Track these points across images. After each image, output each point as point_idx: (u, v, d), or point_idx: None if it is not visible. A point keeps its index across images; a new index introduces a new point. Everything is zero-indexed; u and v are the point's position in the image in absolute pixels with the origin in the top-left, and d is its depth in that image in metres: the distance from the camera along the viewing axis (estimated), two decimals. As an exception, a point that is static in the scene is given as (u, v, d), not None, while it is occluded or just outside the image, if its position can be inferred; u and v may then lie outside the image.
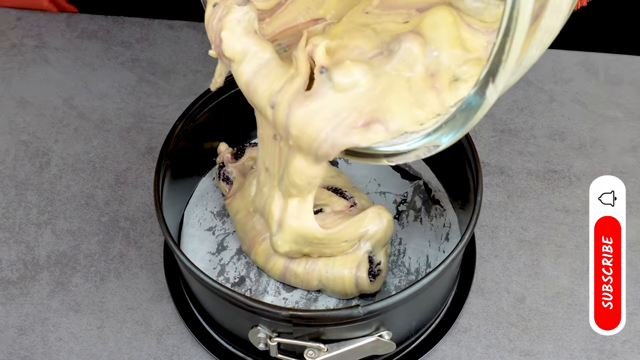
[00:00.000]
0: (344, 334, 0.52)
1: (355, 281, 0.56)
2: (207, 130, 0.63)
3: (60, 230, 0.66)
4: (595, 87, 0.75)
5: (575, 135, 0.72)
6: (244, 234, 0.60)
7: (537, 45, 0.38)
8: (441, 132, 0.41)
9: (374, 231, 0.56)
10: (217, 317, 0.58)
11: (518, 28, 0.34)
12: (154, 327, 0.61)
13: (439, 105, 0.43)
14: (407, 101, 0.43)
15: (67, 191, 0.69)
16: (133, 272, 0.64)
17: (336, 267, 0.56)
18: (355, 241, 0.56)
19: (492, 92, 0.37)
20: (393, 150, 0.43)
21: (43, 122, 0.74)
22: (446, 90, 0.43)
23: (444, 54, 0.43)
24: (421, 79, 0.43)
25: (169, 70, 0.78)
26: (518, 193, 0.68)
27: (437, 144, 0.42)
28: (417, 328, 0.58)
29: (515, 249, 0.65)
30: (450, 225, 0.63)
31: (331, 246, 0.55)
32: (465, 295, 0.61)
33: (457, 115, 0.40)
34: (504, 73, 0.36)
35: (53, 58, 0.79)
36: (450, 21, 0.44)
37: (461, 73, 0.43)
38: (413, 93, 0.43)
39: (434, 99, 0.43)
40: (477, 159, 0.56)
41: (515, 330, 0.60)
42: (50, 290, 0.63)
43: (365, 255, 0.56)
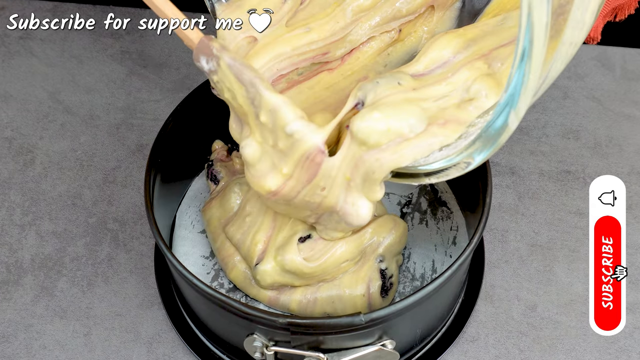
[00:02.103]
0: (345, 343, 0.52)
1: (368, 302, 0.56)
2: (201, 127, 0.63)
3: (45, 231, 0.67)
4: (612, 82, 0.75)
5: (590, 133, 0.72)
6: (215, 249, 0.60)
7: (561, 59, 0.38)
8: (471, 150, 0.42)
9: (388, 242, 0.56)
10: (210, 324, 0.58)
11: (535, 50, 0.34)
12: (144, 335, 0.61)
13: (458, 126, 0.44)
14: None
15: (52, 191, 0.69)
16: (122, 276, 0.64)
17: (344, 289, 0.55)
18: (359, 256, 0.56)
19: (513, 118, 0.38)
20: (430, 169, 0.45)
21: (27, 117, 0.74)
22: (460, 110, 0.44)
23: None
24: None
25: (161, 63, 0.78)
26: (529, 195, 0.68)
27: (469, 162, 0.43)
28: (422, 337, 0.58)
29: (526, 254, 0.65)
30: (458, 228, 0.63)
31: (329, 272, 0.55)
32: (473, 303, 0.61)
33: (482, 137, 0.41)
34: (525, 97, 0.36)
35: (38, 50, 0.79)
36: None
37: (474, 92, 0.44)
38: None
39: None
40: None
41: (526, 340, 0.60)
42: (35, 295, 0.63)
43: (376, 269, 0.56)
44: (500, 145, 0.40)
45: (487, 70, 0.45)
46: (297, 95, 0.51)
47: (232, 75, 0.45)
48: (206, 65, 0.46)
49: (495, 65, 0.45)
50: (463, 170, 0.44)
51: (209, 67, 0.46)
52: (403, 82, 0.46)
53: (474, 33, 0.47)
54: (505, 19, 0.47)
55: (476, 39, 0.47)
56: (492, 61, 0.45)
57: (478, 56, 0.46)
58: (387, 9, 0.51)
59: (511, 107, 0.37)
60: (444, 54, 0.46)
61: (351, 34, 0.51)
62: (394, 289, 0.58)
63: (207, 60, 0.46)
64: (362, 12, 0.51)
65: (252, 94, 0.45)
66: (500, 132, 0.39)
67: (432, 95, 0.45)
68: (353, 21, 0.51)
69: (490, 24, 0.48)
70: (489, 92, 0.44)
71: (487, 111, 0.44)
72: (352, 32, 0.51)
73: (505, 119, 0.38)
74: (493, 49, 0.46)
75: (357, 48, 0.52)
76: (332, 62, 0.52)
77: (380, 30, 0.52)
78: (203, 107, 0.61)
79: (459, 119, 0.44)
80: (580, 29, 0.38)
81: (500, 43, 0.46)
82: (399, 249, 0.58)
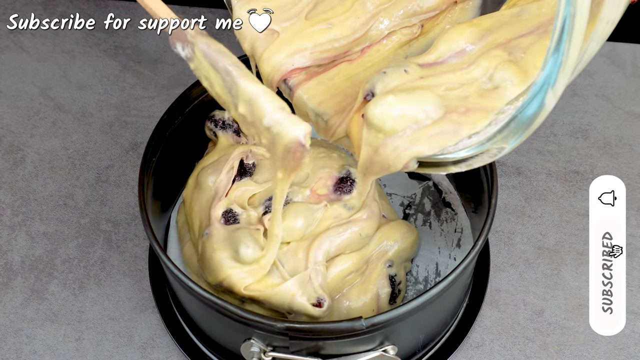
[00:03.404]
0: (345, 349, 0.52)
1: (377, 310, 0.57)
2: (197, 125, 0.63)
3: (35, 232, 0.67)
4: (622, 80, 0.75)
5: (600, 133, 0.72)
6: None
7: (597, 39, 0.38)
8: (505, 134, 0.42)
9: (399, 247, 0.57)
10: (206, 329, 0.58)
11: (577, 24, 0.34)
12: (138, 340, 0.61)
13: (485, 113, 0.44)
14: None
15: (43, 190, 0.69)
16: (115, 279, 0.64)
17: (352, 301, 0.56)
18: (364, 266, 0.57)
19: (550, 98, 0.37)
20: (457, 157, 0.44)
21: (17, 114, 0.74)
22: (484, 98, 0.44)
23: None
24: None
25: (156, 58, 0.78)
26: (536, 196, 0.68)
27: (502, 147, 0.42)
28: (425, 342, 0.58)
29: (532, 257, 0.65)
30: (462, 230, 0.63)
31: (336, 289, 0.56)
32: (478, 307, 0.61)
33: (516, 120, 0.41)
34: (564, 75, 0.36)
35: (29, 44, 0.79)
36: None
37: (499, 80, 0.44)
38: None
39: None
40: (492, 158, 0.57)
41: (533, 346, 0.60)
42: (25, 298, 0.63)
43: (385, 275, 0.57)
44: (535, 127, 0.40)
45: (508, 58, 0.45)
46: (316, 86, 0.50)
47: (207, 63, 0.45)
48: (182, 52, 0.46)
49: (517, 54, 0.45)
50: (495, 156, 0.43)
51: (185, 53, 0.46)
52: (410, 69, 0.45)
53: (490, 23, 0.47)
54: (523, 11, 0.47)
55: (492, 28, 0.47)
56: (513, 50, 0.45)
57: (495, 45, 0.46)
58: (407, 4, 0.51)
59: (548, 85, 0.37)
60: (459, 44, 0.46)
61: (372, 29, 0.51)
62: (401, 296, 0.58)
63: (183, 47, 0.45)
64: (383, 4, 0.51)
65: (228, 83, 0.44)
66: (536, 114, 0.39)
67: (441, 84, 0.45)
68: (374, 15, 0.51)
69: (506, 15, 0.48)
70: (514, 79, 0.44)
71: (516, 98, 0.44)
72: (372, 28, 0.51)
73: (541, 100, 0.38)
74: (512, 39, 0.46)
75: (377, 42, 0.52)
76: (352, 54, 0.52)
77: (401, 25, 0.52)
78: (199, 104, 0.61)
79: (485, 107, 0.44)
80: (617, 6, 0.38)
81: (520, 33, 0.46)
82: (409, 256, 0.59)
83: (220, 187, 0.57)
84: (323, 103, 0.47)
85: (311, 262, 0.54)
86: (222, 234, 0.55)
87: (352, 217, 0.56)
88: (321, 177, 0.58)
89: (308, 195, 0.58)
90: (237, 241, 0.54)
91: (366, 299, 0.56)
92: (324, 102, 0.46)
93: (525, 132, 0.40)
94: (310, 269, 0.54)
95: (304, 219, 0.55)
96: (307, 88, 0.47)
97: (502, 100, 0.44)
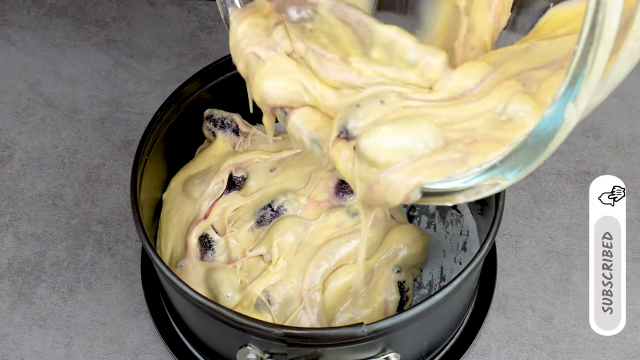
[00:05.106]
0: (346, 356, 0.52)
1: (385, 315, 0.57)
2: (192, 122, 0.63)
3: (23, 234, 0.67)
4: (636, 78, 0.75)
5: (612, 132, 0.72)
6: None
7: (626, 58, 0.37)
8: (505, 166, 0.41)
9: (408, 252, 0.57)
10: (201, 335, 0.58)
11: (604, 34, 0.32)
12: (129, 346, 0.61)
13: (498, 144, 0.43)
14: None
15: (31, 190, 0.69)
16: (106, 282, 0.64)
17: (360, 310, 0.56)
18: (369, 275, 0.57)
19: (571, 111, 0.36)
20: (466, 186, 0.44)
21: (5, 110, 0.74)
22: (496, 129, 0.44)
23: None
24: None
25: (149, 52, 0.78)
26: (545, 197, 0.68)
27: (499, 181, 0.42)
28: (428, 350, 0.58)
29: (541, 261, 0.65)
30: (468, 233, 0.63)
31: (340, 301, 0.56)
32: (484, 313, 0.61)
33: (531, 139, 0.39)
34: (587, 89, 0.34)
35: (17, 38, 0.79)
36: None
37: (513, 113, 0.43)
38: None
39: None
40: (499, 158, 0.57)
41: (541, 354, 0.60)
42: (12, 302, 0.63)
43: (393, 281, 0.57)
44: (554, 147, 0.38)
45: (522, 89, 0.44)
46: (312, 112, 0.50)
47: (336, 18, 0.45)
48: (297, 14, 0.46)
49: (531, 86, 0.44)
50: (495, 188, 0.43)
51: (300, 15, 0.46)
52: (387, 99, 0.45)
53: (496, 58, 0.47)
54: (532, 47, 0.47)
55: (500, 62, 0.46)
56: (526, 82, 0.44)
57: (507, 77, 0.45)
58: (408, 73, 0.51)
59: (569, 97, 0.35)
60: (467, 83, 0.46)
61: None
62: (409, 303, 0.58)
63: (298, 10, 0.46)
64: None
65: (361, 33, 0.45)
66: (555, 129, 0.37)
67: (437, 115, 0.45)
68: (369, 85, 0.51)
69: (514, 50, 0.47)
70: (530, 110, 0.42)
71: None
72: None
73: (561, 112, 0.36)
74: (524, 70, 0.45)
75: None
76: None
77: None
78: (194, 101, 0.62)
79: (499, 138, 0.42)
80: None
81: (532, 66, 0.45)
82: (418, 262, 0.59)
83: (204, 201, 0.59)
84: (319, 130, 0.47)
85: (305, 288, 0.54)
86: (199, 270, 0.57)
87: (356, 226, 0.56)
88: (322, 179, 0.58)
89: (305, 203, 0.58)
90: (216, 288, 0.56)
91: (373, 308, 0.56)
92: (320, 128, 0.46)
93: (542, 152, 0.39)
94: (304, 302, 0.54)
95: (294, 236, 0.56)
96: (302, 113, 0.47)
97: (517, 131, 0.42)
